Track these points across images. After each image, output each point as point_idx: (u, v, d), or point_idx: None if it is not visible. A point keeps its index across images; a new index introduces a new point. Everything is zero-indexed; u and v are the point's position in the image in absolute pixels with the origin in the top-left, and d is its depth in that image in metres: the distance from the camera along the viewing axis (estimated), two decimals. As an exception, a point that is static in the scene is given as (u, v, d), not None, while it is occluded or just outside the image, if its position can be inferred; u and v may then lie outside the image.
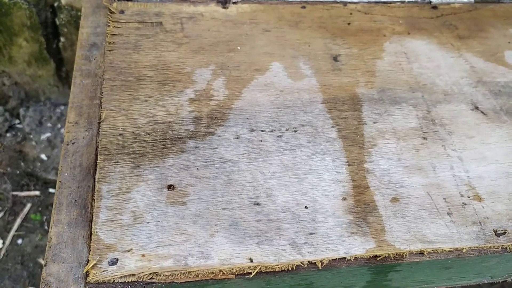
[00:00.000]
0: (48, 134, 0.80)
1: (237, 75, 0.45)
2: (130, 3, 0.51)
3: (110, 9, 0.49)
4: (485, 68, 0.49)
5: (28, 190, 0.79)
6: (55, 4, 0.71)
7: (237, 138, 0.39)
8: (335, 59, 0.48)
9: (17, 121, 0.84)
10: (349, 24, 0.52)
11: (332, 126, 0.41)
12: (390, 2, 0.56)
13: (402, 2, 0.56)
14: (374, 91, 0.45)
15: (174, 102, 0.41)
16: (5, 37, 0.73)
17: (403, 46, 0.50)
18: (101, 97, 0.41)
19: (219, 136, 0.39)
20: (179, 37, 0.48)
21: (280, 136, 0.40)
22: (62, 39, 0.76)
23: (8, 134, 0.82)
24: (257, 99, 0.43)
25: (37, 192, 0.79)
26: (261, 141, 0.39)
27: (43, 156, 0.79)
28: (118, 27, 0.48)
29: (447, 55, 0.50)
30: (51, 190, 0.80)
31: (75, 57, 0.44)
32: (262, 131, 0.40)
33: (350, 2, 0.55)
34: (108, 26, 0.47)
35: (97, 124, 0.38)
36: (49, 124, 0.81)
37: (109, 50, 0.45)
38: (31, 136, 0.80)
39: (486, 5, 0.57)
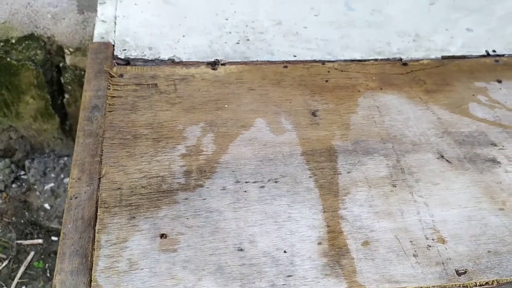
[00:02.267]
0: (52, 184, 0.85)
1: (224, 131, 0.50)
2: (128, 67, 0.57)
3: (110, 74, 0.55)
4: (451, 119, 0.54)
5: (32, 238, 0.82)
6: (61, 64, 0.78)
7: (223, 189, 0.43)
8: (313, 114, 0.53)
9: (22, 172, 0.88)
10: (327, 81, 0.58)
11: (310, 176, 0.46)
12: (365, 60, 0.62)
13: (376, 60, 0.62)
14: (348, 143, 0.50)
15: (167, 157, 0.46)
16: (13, 95, 0.79)
17: (376, 101, 0.56)
18: (102, 155, 0.45)
19: (207, 188, 0.43)
20: (173, 97, 0.53)
21: (263, 186, 0.44)
22: (66, 95, 0.82)
23: (13, 185, 0.86)
24: (242, 153, 0.47)
25: (40, 241, 0.82)
26: (245, 191, 0.43)
27: (47, 206, 0.83)
28: (117, 90, 0.53)
29: (415, 108, 0.55)
30: (53, 238, 0.83)
31: (79, 118, 0.49)
32: (246, 182, 0.44)
33: (328, 61, 0.61)
34: (109, 89, 0.53)
35: (97, 179, 0.43)
36: (52, 175, 0.85)
37: (109, 111, 0.50)
38: (36, 187, 0.85)
39: (452, 61, 0.63)
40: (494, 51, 0.65)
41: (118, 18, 0.63)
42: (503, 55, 0.65)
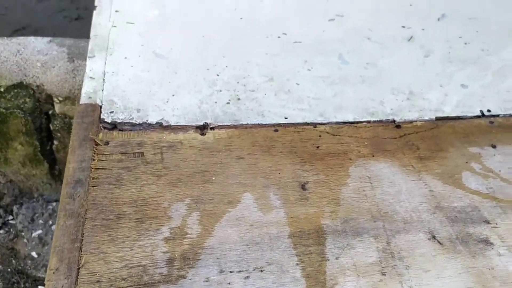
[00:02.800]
0: (40, 231, 0.83)
1: (210, 209, 0.48)
2: (115, 133, 0.55)
3: (95, 141, 0.53)
4: (443, 191, 0.53)
5: (19, 287, 0.81)
6: (50, 112, 0.76)
7: (206, 281, 0.42)
8: (303, 187, 0.52)
9: (10, 217, 0.87)
10: (318, 147, 0.56)
11: (297, 264, 0.44)
12: (357, 122, 0.60)
13: (368, 122, 0.60)
14: (338, 221, 0.49)
15: (150, 242, 0.44)
16: (1, 141, 0.78)
17: (367, 170, 0.54)
18: (82, 239, 0.44)
19: (190, 279, 0.42)
20: (159, 169, 0.52)
21: (247, 277, 0.43)
22: (55, 142, 0.80)
23: (1, 231, 0.85)
24: (228, 235, 0.46)
25: (26, 289, 0.81)
26: (229, 283, 0.42)
27: (34, 254, 0.82)
28: (102, 160, 0.52)
29: (408, 178, 0.54)
30: (40, 287, 0.82)
31: (61, 195, 0.48)
32: (230, 272, 0.43)
33: (319, 124, 0.59)
34: (93, 159, 0.51)
35: (76, 270, 0.41)
36: (41, 221, 0.84)
37: (93, 186, 0.49)
38: (23, 233, 0.83)
39: (446, 122, 0.62)
40: (489, 110, 0.64)
41: (107, 75, 0.62)
42: (498, 115, 0.63)
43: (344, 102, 0.62)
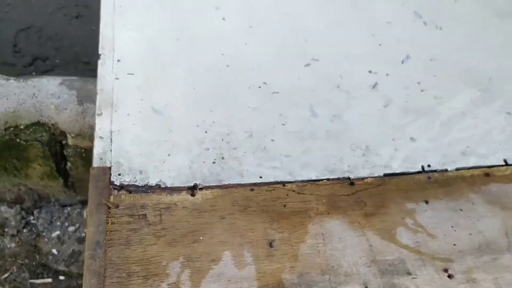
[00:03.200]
0: (58, 232, 0.99)
1: (198, 266, 0.64)
2: (123, 196, 0.69)
3: (108, 205, 0.67)
4: (380, 246, 0.68)
5: (43, 278, 0.98)
6: (63, 142, 0.89)
7: (195, 330, 0.58)
8: (270, 244, 0.67)
9: (31, 217, 1.02)
10: (284, 206, 0.71)
11: (261, 314, 0.61)
12: (319, 180, 0.74)
13: (328, 180, 0.74)
14: (295, 276, 0.64)
15: (154, 297, 0.60)
16: (22, 163, 0.92)
17: (322, 227, 0.69)
18: (104, 296, 0.60)
19: (183, 329, 0.58)
20: (158, 230, 0.66)
21: (224, 326, 0.59)
22: (69, 163, 0.94)
23: (24, 230, 1.00)
24: (211, 290, 0.62)
25: (49, 280, 0.98)
26: (211, 332, 0.59)
27: (54, 251, 0.98)
28: (114, 223, 0.66)
29: (354, 234, 0.69)
30: (61, 277, 0.99)
31: (85, 255, 0.63)
32: (212, 322, 0.59)
33: (288, 182, 0.73)
34: (107, 223, 0.66)
35: (102, 323, 0.58)
36: (58, 223, 1.00)
37: (108, 247, 0.64)
38: (44, 234, 0.99)
39: (392, 179, 0.76)
40: (429, 165, 0.77)
41: (113, 134, 0.74)
42: (435, 171, 0.77)
43: (311, 160, 0.76)
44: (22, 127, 0.84)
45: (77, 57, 1.24)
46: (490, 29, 0.98)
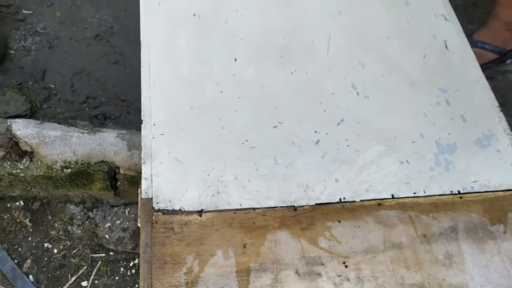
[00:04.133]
0: (109, 224, 1.49)
1: (202, 258, 1.13)
2: (160, 216, 1.18)
3: (152, 222, 1.16)
4: (308, 248, 1.18)
5: (99, 253, 1.48)
6: (117, 171, 1.37)
7: (201, 293, 1.09)
8: (244, 246, 1.16)
9: (90, 213, 1.51)
10: (254, 223, 1.20)
11: None
12: (275, 207, 1.23)
13: (281, 207, 1.23)
14: (257, 265, 1.14)
15: (175, 281, 1.11)
16: (89, 182, 1.40)
17: (275, 236, 1.18)
18: (151, 277, 1.10)
19: (195, 293, 1.09)
20: (180, 237, 1.15)
21: (217, 291, 1.10)
22: (119, 182, 1.43)
23: (86, 222, 1.49)
24: (209, 273, 1.12)
25: (103, 254, 1.48)
26: (209, 294, 1.09)
27: (107, 236, 1.47)
28: (155, 232, 1.15)
29: (293, 241, 1.19)
30: (111, 253, 1.51)
31: (140, 251, 1.12)
32: (210, 289, 1.10)
33: (257, 208, 1.22)
34: (152, 232, 1.15)
35: (152, 288, 1.08)
36: (109, 218, 1.49)
37: (153, 246, 1.13)
38: (100, 225, 1.49)
39: (320, 206, 1.25)
40: (344, 198, 1.27)
41: (153, 176, 1.23)
42: (347, 202, 1.26)
43: (271, 194, 1.24)
44: (92, 163, 1.32)
45: (117, 96, 1.70)
46: (402, 98, 1.45)
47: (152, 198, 1.20)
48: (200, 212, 1.19)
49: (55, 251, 1.45)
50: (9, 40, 1.73)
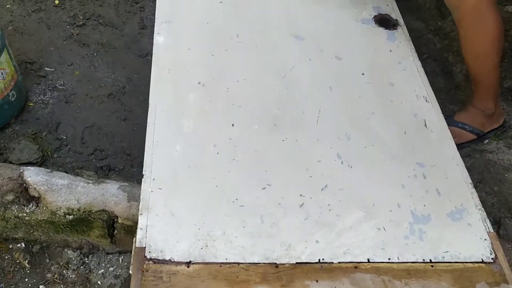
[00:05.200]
0: (102, 270, 1.58)
1: (187, 307, 1.22)
2: (151, 265, 1.28)
3: (142, 270, 1.26)
4: None
5: (91, 301, 1.56)
6: (115, 220, 1.48)
7: None
8: (226, 298, 1.25)
9: (86, 259, 1.61)
10: (237, 277, 1.29)
11: (216, 335, 1.19)
12: (259, 263, 1.33)
13: (264, 263, 1.33)
14: (237, 317, 1.22)
15: (163, 322, 1.19)
16: (88, 228, 1.51)
17: (256, 291, 1.27)
18: (139, 318, 1.18)
19: None
20: (167, 285, 1.24)
21: None
22: (116, 231, 1.53)
23: (81, 267, 1.58)
24: (192, 320, 1.20)
25: (97, 302, 1.56)
26: None
27: (99, 282, 1.56)
28: (145, 280, 1.24)
29: (272, 296, 1.27)
30: (102, 300, 1.58)
31: (130, 296, 1.21)
32: (191, 337, 1.18)
33: (241, 263, 1.32)
34: (141, 279, 1.24)
35: (137, 332, 1.16)
36: (103, 264, 1.57)
37: (142, 293, 1.22)
38: (93, 270, 1.57)
39: (300, 265, 1.34)
40: (323, 259, 1.36)
41: (148, 227, 1.34)
42: (326, 262, 1.36)
43: (256, 250, 1.33)
44: (93, 211, 1.43)
45: (123, 150, 1.84)
46: (383, 169, 1.58)
47: (145, 247, 1.30)
48: (188, 264, 1.29)
49: (49, 293, 1.53)
50: (29, 94, 1.90)
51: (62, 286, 1.54)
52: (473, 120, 1.98)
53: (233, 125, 1.61)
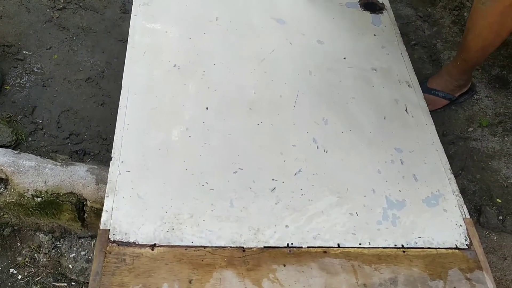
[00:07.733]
0: (74, 254, 1.56)
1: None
2: (114, 247, 1.25)
3: (105, 252, 1.24)
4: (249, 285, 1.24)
5: (61, 282, 1.54)
6: (84, 203, 1.46)
7: (142, 323, 1.15)
8: (190, 282, 1.22)
9: (58, 242, 1.59)
10: (202, 260, 1.26)
11: (177, 319, 1.17)
12: (225, 247, 1.30)
13: (230, 247, 1.30)
14: (199, 300, 1.20)
15: (124, 304, 1.17)
16: (58, 211, 1.49)
17: (221, 275, 1.24)
18: (98, 301, 1.16)
19: (136, 322, 1.15)
20: (130, 268, 1.22)
21: (157, 323, 1.15)
22: (86, 214, 1.51)
23: (53, 251, 1.56)
24: (154, 304, 1.18)
25: (65, 284, 1.54)
26: (150, 325, 1.15)
27: (70, 266, 1.53)
28: (107, 262, 1.22)
29: (237, 280, 1.24)
30: (72, 283, 1.56)
31: (90, 280, 1.19)
32: (151, 320, 1.15)
33: (207, 246, 1.29)
34: (104, 262, 1.22)
35: (96, 315, 1.14)
36: (74, 248, 1.55)
37: (103, 275, 1.20)
38: (65, 254, 1.55)
39: (268, 249, 1.31)
40: (292, 243, 1.33)
41: (113, 210, 1.31)
42: (294, 247, 1.33)
43: (223, 234, 1.31)
44: (61, 194, 1.41)
45: (99, 134, 1.82)
46: (359, 154, 1.55)
47: (109, 229, 1.28)
48: (153, 246, 1.27)
49: (19, 277, 1.51)
50: (6, 77, 1.87)
51: (33, 269, 1.52)
52: (445, 86, 2.01)
53: (207, 108, 1.58)
